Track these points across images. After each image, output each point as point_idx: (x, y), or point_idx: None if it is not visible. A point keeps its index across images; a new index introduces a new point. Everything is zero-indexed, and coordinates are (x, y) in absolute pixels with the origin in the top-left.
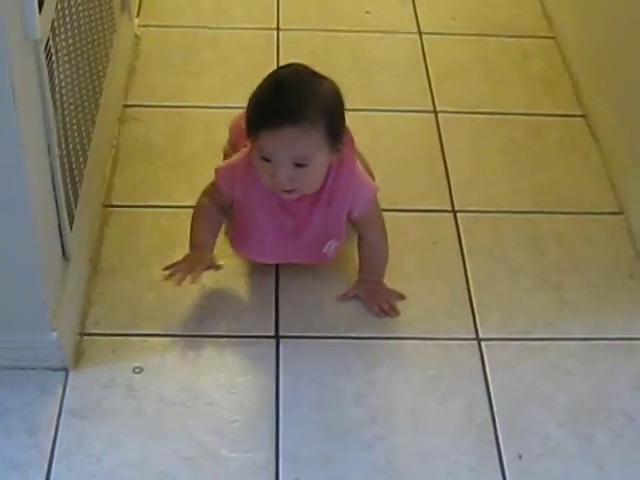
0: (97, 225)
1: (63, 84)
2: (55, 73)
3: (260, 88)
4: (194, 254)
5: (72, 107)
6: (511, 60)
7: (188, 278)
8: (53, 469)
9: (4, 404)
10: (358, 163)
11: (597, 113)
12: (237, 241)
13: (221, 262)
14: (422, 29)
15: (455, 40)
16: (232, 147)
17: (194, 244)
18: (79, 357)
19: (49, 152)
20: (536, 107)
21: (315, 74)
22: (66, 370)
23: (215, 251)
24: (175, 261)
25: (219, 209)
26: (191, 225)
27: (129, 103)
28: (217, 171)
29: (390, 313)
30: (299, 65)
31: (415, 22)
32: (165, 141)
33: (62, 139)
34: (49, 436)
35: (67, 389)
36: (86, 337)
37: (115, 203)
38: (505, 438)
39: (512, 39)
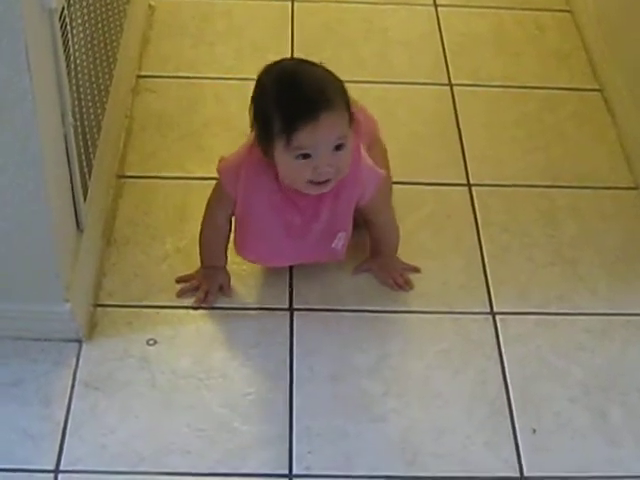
0: (111, 196)
1: (77, 54)
2: (70, 43)
3: (267, 91)
4: (208, 272)
5: (86, 77)
6: (527, 33)
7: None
8: (66, 440)
9: (18, 375)
10: (362, 149)
11: (613, 87)
12: (243, 247)
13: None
14: (437, 1)
15: (470, 13)
16: None
17: (208, 265)
18: (93, 328)
19: (63, 121)
20: (551, 81)
21: (307, 61)
22: (80, 341)
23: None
24: (187, 274)
25: (227, 220)
26: (201, 240)
27: (143, 74)
28: (220, 167)
29: (404, 287)
30: (283, 59)
31: None
32: (178, 112)
33: (76, 109)
34: (62, 407)
35: (81, 360)
36: (99, 308)
37: (128, 174)
38: (519, 412)
39: (528, 12)
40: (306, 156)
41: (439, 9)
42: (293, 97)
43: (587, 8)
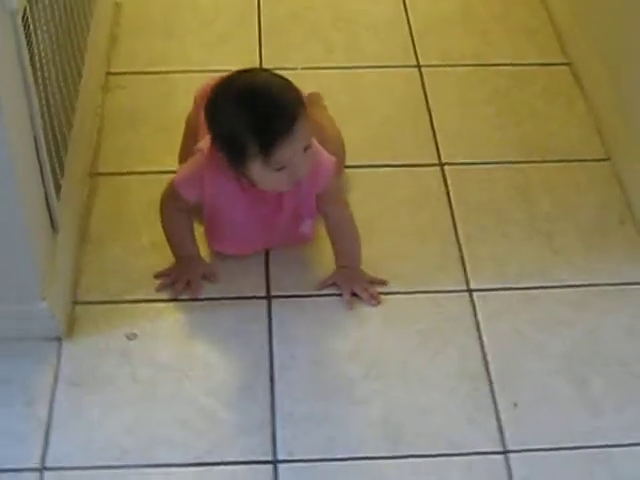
0: (85, 194)
1: (43, 54)
2: (34, 43)
3: (235, 117)
4: (184, 264)
5: (54, 77)
6: (494, 11)
7: (187, 291)
8: (51, 438)
9: (0, 375)
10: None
11: (581, 60)
12: (215, 240)
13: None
14: None
15: None
16: (188, 121)
17: (182, 256)
18: (72, 325)
19: (32, 123)
20: (520, 57)
21: (257, 72)
22: (60, 339)
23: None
24: (164, 269)
25: (186, 214)
26: (168, 238)
27: (112, 71)
28: (178, 184)
29: (369, 301)
30: (238, 74)
31: None
32: (150, 107)
33: (45, 109)
34: (45, 405)
35: (62, 358)
36: (78, 305)
37: (102, 171)
38: (499, 388)
39: None
40: (283, 167)
41: None
42: (265, 119)
43: None
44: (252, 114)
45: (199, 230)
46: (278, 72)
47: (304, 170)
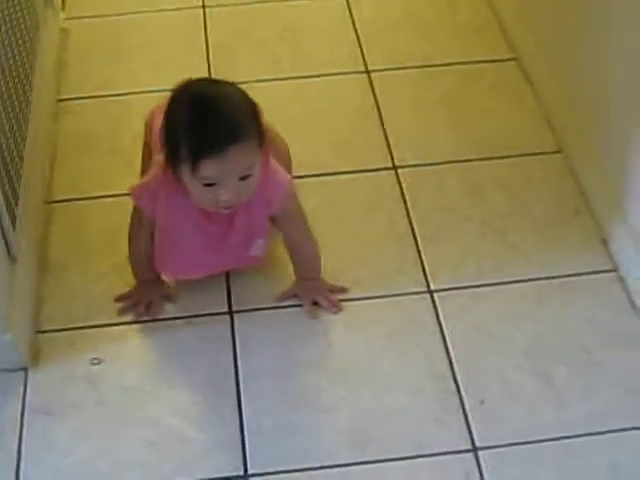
0: (41, 222)
1: None
2: None
3: (178, 115)
4: (145, 286)
5: (0, 108)
6: (439, 11)
7: (148, 312)
8: (22, 468)
9: None
10: (270, 156)
11: (528, 55)
12: (163, 262)
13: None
14: None
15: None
16: (148, 146)
17: (142, 281)
18: (37, 355)
19: None
20: (468, 55)
21: (219, 82)
22: (25, 369)
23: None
24: (128, 291)
25: (150, 239)
26: (131, 260)
27: (62, 97)
28: (133, 193)
29: (330, 309)
30: (199, 79)
31: None
32: (102, 131)
33: None
34: (15, 436)
35: (28, 387)
36: (42, 334)
37: (57, 198)
38: (465, 386)
39: None
40: (211, 184)
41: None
42: (201, 128)
43: None
44: (192, 118)
45: None
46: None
47: (232, 198)
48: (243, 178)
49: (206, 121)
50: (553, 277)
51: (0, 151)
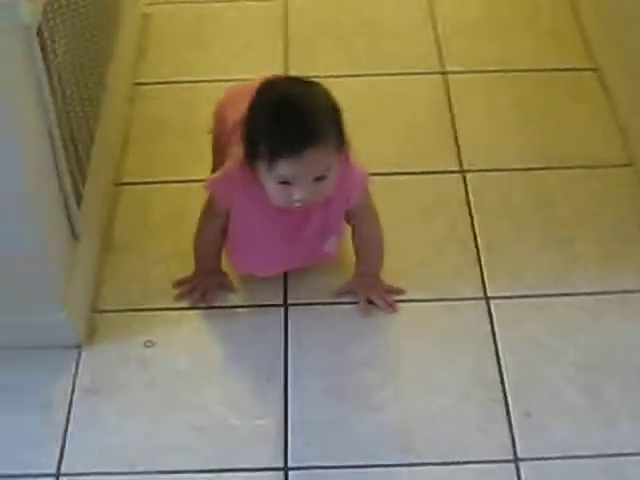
0: (108, 203)
1: (62, 68)
2: (51, 57)
3: (260, 113)
4: (205, 275)
5: (74, 90)
6: (521, 16)
7: (204, 299)
8: (67, 444)
9: (20, 382)
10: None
11: (607, 66)
12: (238, 258)
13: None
14: None
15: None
16: (217, 141)
17: (203, 270)
18: (92, 334)
19: (50, 135)
20: (546, 62)
21: (304, 81)
22: (79, 347)
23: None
24: (187, 277)
25: (219, 232)
26: (195, 251)
27: (140, 81)
28: (211, 186)
29: (386, 309)
30: (285, 78)
31: None
32: (176, 116)
33: (63, 121)
34: (63, 412)
35: (80, 366)
36: (98, 314)
37: (126, 181)
38: (513, 396)
39: None
40: (286, 182)
41: None
42: (281, 128)
43: None
44: (273, 117)
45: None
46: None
47: (306, 198)
48: (318, 179)
49: (286, 122)
50: (613, 292)
51: (71, 132)
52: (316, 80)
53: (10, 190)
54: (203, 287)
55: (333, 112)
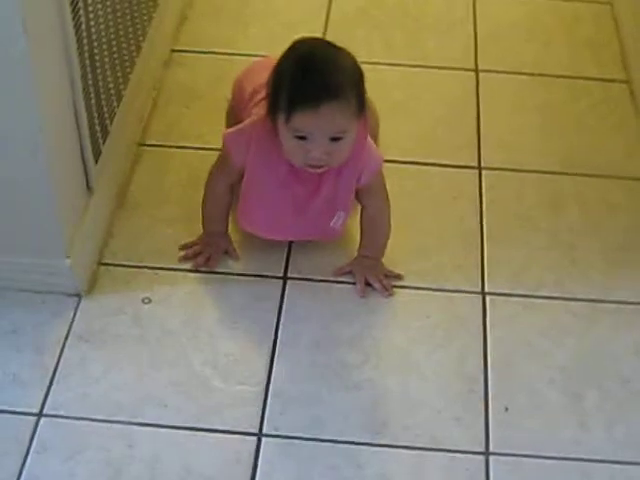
0: (129, 163)
1: (92, 23)
2: (81, 12)
3: (285, 66)
4: (210, 239)
5: (104, 48)
6: (562, 23)
7: (207, 264)
8: (53, 387)
9: (17, 323)
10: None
11: (638, 79)
12: (245, 216)
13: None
14: None
15: (507, 1)
16: (233, 110)
17: (209, 231)
18: (93, 285)
19: (72, 86)
20: (579, 70)
21: (333, 45)
22: (79, 296)
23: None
24: (193, 240)
25: (229, 189)
26: (203, 208)
27: (177, 48)
28: (227, 137)
29: (382, 292)
30: (315, 39)
31: None
32: (207, 87)
33: (89, 76)
34: (54, 356)
35: (77, 314)
36: (103, 267)
37: (149, 142)
38: (494, 391)
39: (566, 2)
40: (303, 137)
41: None
42: (301, 80)
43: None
44: (296, 69)
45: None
46: None
47: (321, 157)
48: (335, 139)
49: (307, 74)
50: (610, 301)
51: (96, 88)
52: None
53: (27, 130)
54: (208, 252)
55: (357, 76)
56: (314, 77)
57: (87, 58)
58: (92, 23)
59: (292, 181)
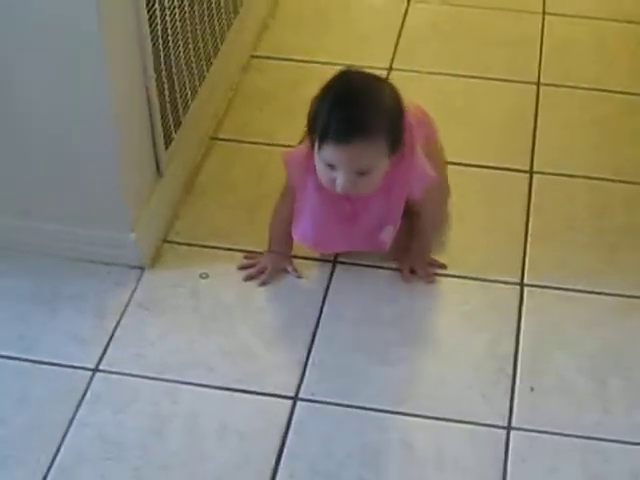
0: (200, 153)
1: (169, 19)
2: (157, 5)
3: (325, 95)
4: (274, 256)
5: (180, 44)
6: (625, 42)
7: (258, 280)
8: (110, 346)
9: (83, 290)
10: (418, 149)
11: None
12: (298, 229)
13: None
14: (547, 9)
15: (575, 22)
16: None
17: (273, 250)
18: (156, 259)
19: (144, 73)
20: (638, 88)
21: (376, 78)
22: (142, 269)
23: None
24: (257, 253)
25: (291, 208)
26: (270, 228)
27: (257, 54)
28: (285, 155)
29: (425, 279)
30: (360, 72)
31: (542, 2)
32: (282, 91)
33: (163, 66)
34: (114, 320)
35: (139, 284)
36: (167, 244)
37: (222, 137)
38: (523, 373)
39: (633, 25)
40: (332, 166)
41: (546, 17)
42: (336, 114)
43: None
44: (333, 104)
45: None
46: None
47: (347, 187)
48: (361, 173)
49: (342, 109)
50: None
51: (170, 79)
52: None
53: (97, 106)
54: (267, 273)
55: (393, 113)
56: (347, 113)
57: (161, 50)
58: (169, 19)
59: (340, 199)
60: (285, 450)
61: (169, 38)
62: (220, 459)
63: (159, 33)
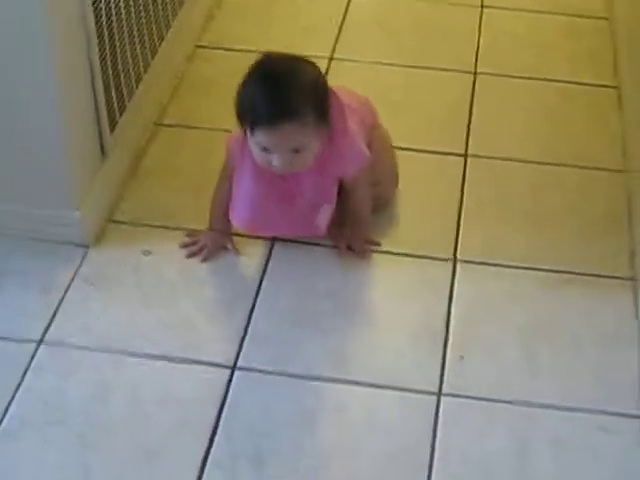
0: (144, 138)
1: (113, 5)
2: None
3: (248, 82)
4: (212, 234)
5: (126, 30)
6: (561, 34)
7: (199, 254)
8: (55, 319)
9: (28, 267)
10: (353, 129)
11: (626, 85)
12: (235, 212)
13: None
14: (485, 3)
15: (512, 15)
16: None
17: (214, 228)
18: (101, 238)
19: (88, 56)
20: (573, 76)
21: (295, 58)
22: (87, 247)
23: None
24: (198, 231)
25: (229, 189)
26: (211, 205)
27: (201, 44)
28: (228, 140)
29: (360, 255)
30: (280, 55)
31: None
32: (226, 80)
33: (108, 51)
34: (59, 295)
35: (84, 261)
36: (112, 224)
37: (166, 122)
38: (454, 342)
39: (567, 17)
40: (266, 149)
41: (485, 10)
42: (262, 100)
43: (623, 15)
44: (257, 90)
45: None
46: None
47: (284, 167)
48: (296, 151)
49: (266, 95)
50: (578, 273)
51: (114, 65)
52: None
53: (42, 84)
54: (207, 250)
55: (317, 91)
56: (272, 98)
57: (106, 35)
58: (112, 3)
59: (275, 178)
60: (223, 415)
61: (114, 24)
62: (162, 424)
63: (103, 18)
